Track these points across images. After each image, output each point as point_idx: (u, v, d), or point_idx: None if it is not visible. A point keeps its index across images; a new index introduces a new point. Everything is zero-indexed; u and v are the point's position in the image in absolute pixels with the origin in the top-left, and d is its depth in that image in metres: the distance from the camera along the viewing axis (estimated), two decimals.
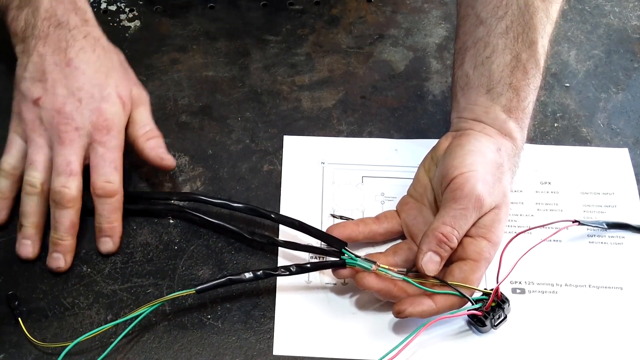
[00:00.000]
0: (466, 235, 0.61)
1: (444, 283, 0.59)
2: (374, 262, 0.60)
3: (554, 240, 0.67)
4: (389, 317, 0.61)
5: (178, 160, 0.72)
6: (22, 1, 0.66)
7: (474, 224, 0.61)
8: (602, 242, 0.67)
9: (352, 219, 0.67)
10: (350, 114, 0.76)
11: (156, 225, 0.67)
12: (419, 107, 0.77)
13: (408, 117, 0.76)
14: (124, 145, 0.66)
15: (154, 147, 0.67)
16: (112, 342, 0.59)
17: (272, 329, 0.62)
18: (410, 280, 0.59)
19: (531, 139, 0.69)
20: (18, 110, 0.65)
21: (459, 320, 0.61)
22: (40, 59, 0.64)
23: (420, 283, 0.59)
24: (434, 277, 0.60)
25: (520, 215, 0.69)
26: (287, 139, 0.74)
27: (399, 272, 0.60)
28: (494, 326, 0.60)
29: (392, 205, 0.67)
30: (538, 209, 0.69)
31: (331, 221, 0.68)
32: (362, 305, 0.63)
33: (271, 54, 0.82)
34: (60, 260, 0.63)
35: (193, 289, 0.59)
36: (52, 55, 0.64)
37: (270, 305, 0.63)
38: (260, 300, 0.63)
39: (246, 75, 0.79)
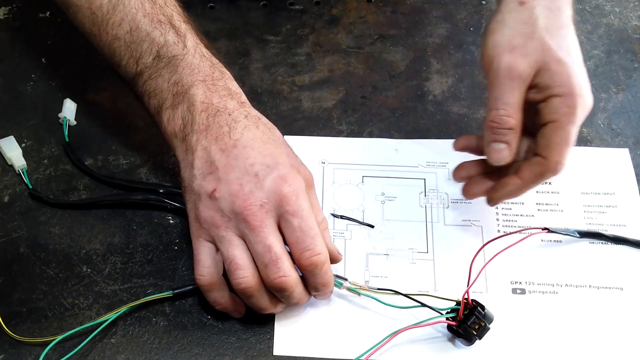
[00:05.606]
0: (534, 102, 0.59)
1: (411, 299, 0.60)
2: (345, 279, 0.62)
3: (554, 241, 0.67)
4: (388, 318, 0.61)
5: None
6: (176, 99, 0.61)
7: (535, 87, 0.59)
8: (602, 243, 0.67)
9: (353, 219, 0.67)
10: (350, 114, 0.76)
11: (156, 226, 0.67)
12: (419, 107, 0.77)
13: (408, 117, 0.76)
14: None
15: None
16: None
17: (272, 329, 0.62)
18: (374, 297, 0.61)
19: None
20: (195, 212, 0.58)
21: None
22: (205, 151, 0.58)
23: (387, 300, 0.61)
24: (400, 293, 0.61)
25: (521, 215, 0.69)
26: (287, 138, 0.73)
27: (369, 289, 0.61)
28: (475, 335, 0.58)
29: (392, 205, 0.67)
30: (538, 209, 0.69)
31: (331, 221, 0.68)
32: (362, 306, 0.63)
33: (271, 54, 0.81)
34: None
35: (170, 292, 0.61)
36: (216, 143, 0.58)
37: None
38: None
39: (246, 75, 0.79)
